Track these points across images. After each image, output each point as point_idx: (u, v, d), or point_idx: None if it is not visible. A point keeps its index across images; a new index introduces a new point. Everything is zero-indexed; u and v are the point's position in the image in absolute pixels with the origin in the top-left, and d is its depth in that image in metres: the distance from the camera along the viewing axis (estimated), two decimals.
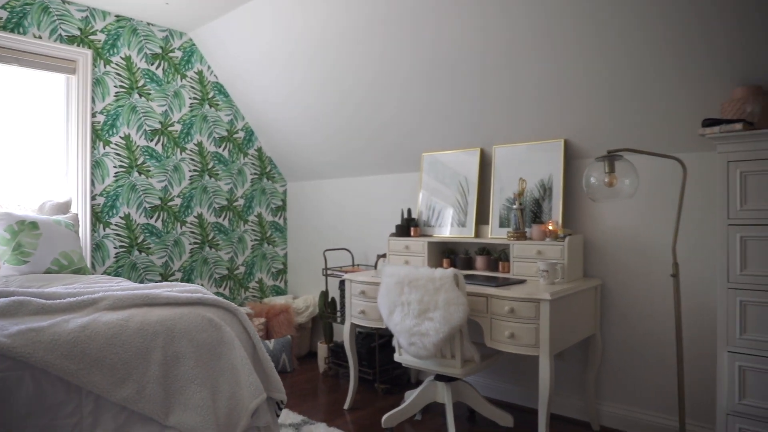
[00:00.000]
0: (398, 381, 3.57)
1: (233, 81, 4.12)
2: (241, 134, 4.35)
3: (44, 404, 1.57)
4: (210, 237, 4.13)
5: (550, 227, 2.78)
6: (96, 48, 3.51)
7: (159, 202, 3.83)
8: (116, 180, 3.61)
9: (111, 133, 3.58)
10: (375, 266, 3.60)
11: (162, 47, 3.84)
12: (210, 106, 4.14)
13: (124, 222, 3.64)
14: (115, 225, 3.60)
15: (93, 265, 3.48)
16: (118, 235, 3.61)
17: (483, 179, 3.26)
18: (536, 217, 2.94)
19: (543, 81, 2.77)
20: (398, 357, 2.73)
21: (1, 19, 3.13)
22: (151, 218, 3.79)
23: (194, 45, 4.04)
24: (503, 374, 3.25)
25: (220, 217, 4.21)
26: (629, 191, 2.17)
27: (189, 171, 4.00)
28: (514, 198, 2.94)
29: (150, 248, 3.78)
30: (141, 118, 3.73)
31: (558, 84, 2.74)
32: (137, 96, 3.71)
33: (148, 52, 3.77)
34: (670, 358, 2.65)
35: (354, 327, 3.12)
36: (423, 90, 3.22)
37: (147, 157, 3.76)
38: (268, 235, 4.55)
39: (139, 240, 3.72)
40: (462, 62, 2.95)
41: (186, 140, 3.98)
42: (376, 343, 3.40)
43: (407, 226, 3.39)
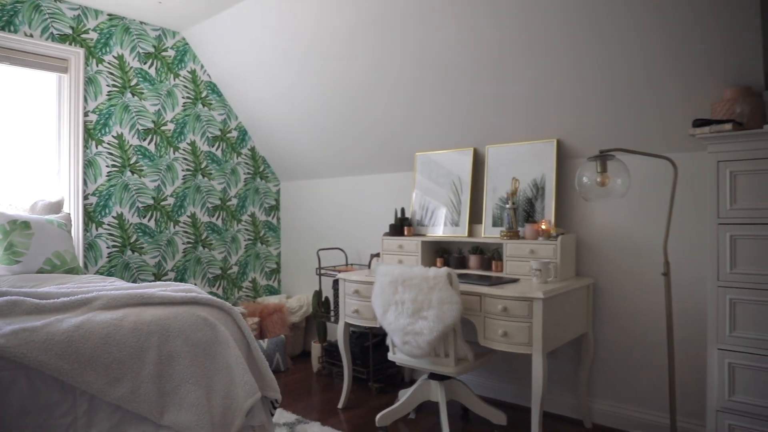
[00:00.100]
0: (392, 380, 3.58)
1: (226, 80, 4.12)
2: (235, 134, 4.35)
3: (38, 404, 1.57)
4: (203, 237, 4.13)
5: (543, 226, 2.80)
6: (88, 47, 3.49)
7: (152, 202, 3.82)
8: (109, 179, 3.59)
9: (103, 133, 3.57)
10: (369, 265, 3.61)
11: (155, 46, 3.83)
12: (203, 106, 4.13)
13: (117, 222, 3.63)
14: (108, 225, 3.59)
15: (85, 265, 3.46)
16: (111, 235, 3.60)
17: (476, 179, 3.27)
18: (529, 217, 2.96)
19: (536, 81, 2.79)
20: (392, 356, 2.74)
21: None
22: (144, 218, 3.78)
23: (187, 44, 4.03)
24: (497, 373, 3.27)
25: (214, 217, 4.20)
26: (621, 191, 2.20)
27: (182, 170, 3.99)
28: (507, 197, 2.95)
29: (143, 248, 3.76)
30: (134, 118, 3.72)
31: (551, 84, 2.76)
32: (130, 95, 3.70)
33: (141, 51, 3.76)
34: (662, 356, 2.68)
35: (348, 326, 3.12)
36: (417, 89, 3.23)
37: (140, 157, 3.75)
38: (262, 235, 4.54)
39: (132, 240, 3.71)
40: (455, 62, 2.97)
41: (179, 140, 3.97)
42: (370, 342, 3.41)
43: (401, 226, 3.40)
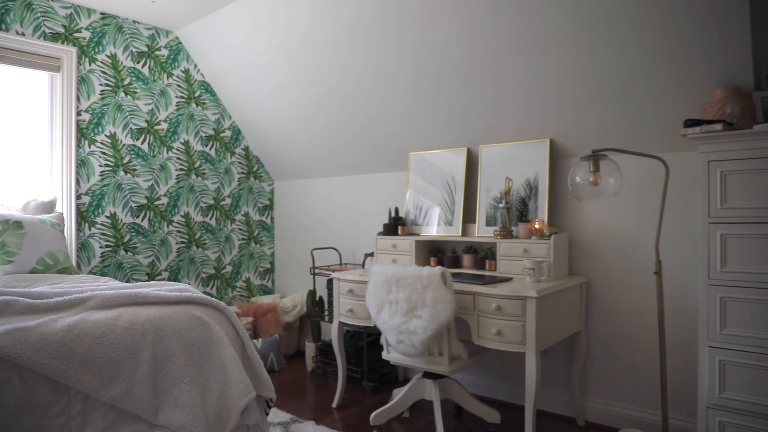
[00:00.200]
0: (386, 379, 3.59)
1: (220, 80, 4.11)
2: (228, 133, 4.34)
3: (32, 404, 1.57)
4: (197, 236, 4.12)
5: (536, 226, 2.82)
6: (81, 46, 3.48)
7: (145, 202, 3.81)
8: (102, 179, 3.58)
9: (96, 132, 3.55)
10: (363, 265, 3.61)
11: (148, 45, 3.82)
12: (197, 105, 4.12)
13: (110, 221, 3.62)
14: (101, 224, 3.57)
15: (78, 265, 3.45)
16: (104, 235, 3.59)
17: (470, 178, 3.29)
18: (522, 216, 2.98)
19: (529, 81, 2.81)
20: (386, 355, 2.75)
21: None
22: (138, 217, 3.76)
23: (181, 43, 4.02)
24: (490, 371, 3.28)
25: (207, 217, 4.19)
26: (613, 190, 2.22)
27: (176, 170, 3.98)
28: (501, 197, 2.97)
29: (136, 248, 3.75)
30: (127, 117, 3.70)
31: (544, 84, 2.78)
32: (123, 94, 3.68)
33: (134, 50, 3.74)
34: (654, 354, 2.71)
35: (342, 325, 3.13)
36: (411, 89, 3.24)
37: (133, 156, 3.74)
38: (256, 235, 4.54)
39: (126, 239, 3.70)
40: (449, 62, 2.98)
41: (173, 139, 3.96)
42: (364, 342, 3.42)
43: (395, 225, 3.41)
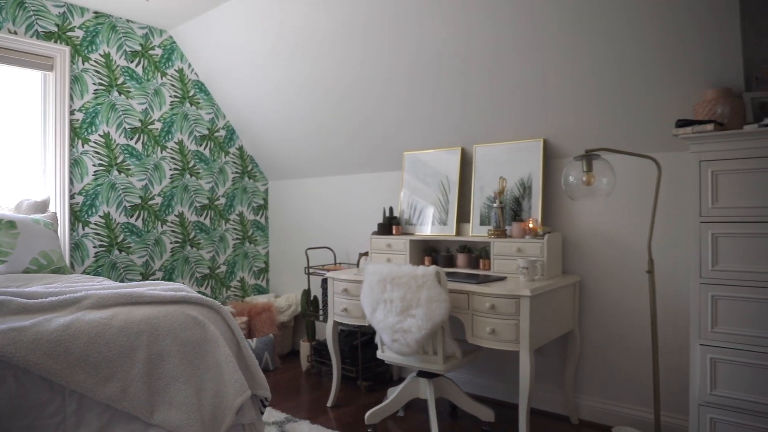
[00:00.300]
0: (381, 378, 3.60)
1: (214, 79, 4.10)
2: (222, 133, 4.33)
3: (27, 404, 1.56)
4: (191, 236, 4.11)
5: (530, 225, 2.83)
6: (74, 44, 3.46)
7: (139, 201, 3.80)
8: (95, 179, 3.57)
9: (90, 131, 3.54)
10: (357, 264, 3.62)
11: (142, 45, 3.81)
12: (191, 105, 4.11)
13: (104, 221, 3.61)
14: (95, 224, 3.56)
15: (72, 265, 3.44)
16: (98, 235, 3.57)
17: (464, 178, 3.30)
18: (516, 216, 2.99)
19: (523, 82, 2.82)
20: (381, 354, 2.76)
21: None
22: (132, 217, 3.75)
23: (174, 43, 4.01)
24: (485, 370, 3.30)
25: (202, 216, 4.18)
26: (606, 190, 2.24)
27: (170, 170, 3.97)
28: (495, 196, 2.98)
29: (130, 247, 3.74)
30: (121, 116, 3.69)
31: (537, 85, 2.79)
32: (117, 94, 3.67)
33: (128, 50, 3.73)
34: (646, 352, 2.73)
35: (336, 325, 3.14)
36: (404, 89, 3.25)
37: (127, 156, 3.73)
38: (250, 234, 4.53)
39: (119, 239, 3.68)
40: (443, 62, 2.99)
41: (166, 139, 3.95)
42: (359, 341, 3.42)
43: (389, 225, 3.42)
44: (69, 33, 3.44)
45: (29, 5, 3.26)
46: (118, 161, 3.68)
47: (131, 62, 3.75)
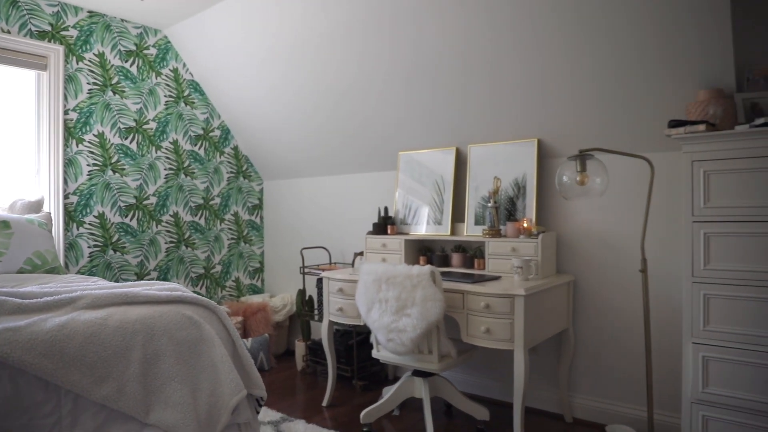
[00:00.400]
0: (376, 377, 3.60)
1: (209, 79, 4.10)
2: (217, 132, 4.33)
3: (22, 404, 1.56)
4: (186, 236, 4.10)
5: (524, 225, 2.85)
6: (68, 44, 3.45)
7: (134, 201, 3.79)
8: (90, 178, 3.56)
9: (84, 131, 3.53)
10: (352, 264, 3.62)
11: (136, 44, 3.80)
12: (185, 104, 4.11)
13: (99, 221, 3.60)
14: (89, 224, 3.55)
15: (66, 265, 3.43)
16: (92, 235, 3.56)
17: (458, 178, 3.31)
18: (511, 215, 3.01)
19: (517, 82, 2.84)
20: (376, 353, 2.77)
21: None
22: (126, 217, 3.74)
23: (169, 42, 4.00)
24: (479, 369, 3.31)
25: (197, 216, 4.18)
26: (600, 189, 2.25)
27: (164, 169, 3.97)
28: (489, 196, 3.00)
29: (125, 247, 3.73)
30: (115, 116, 3.68)
31: (532, 86, 2.81)
32: (111, 93, 3.66)
33: (122, 49, 3.72)
34: (640, 351, 2.75)
35: (332, 324, 3.14)
36: (401, 90, 3.26)
37: (121, 156, 3.72)
38: (245, 234, 4.53)
39: (114, 239, 3.68)
40: (438, 63, 3.00)
41: (161, 138, 3.95)
42: (354, 341, 3.43)
43: (384, 224, 3.43)
44: (63, 32, 3.43)
45: (22, 4, 3.25)
46: (113, 161, 3.67)
47: (126, 62, 3.74)
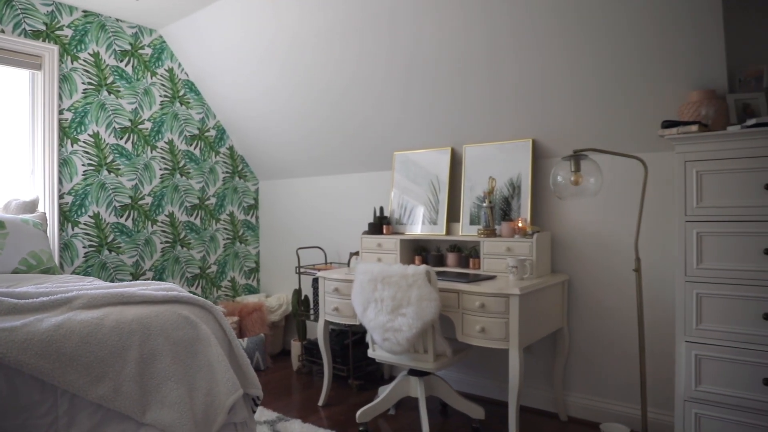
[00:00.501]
0: (372, 377, 3.61)
1: (204, 79, 4.10)
2: (213, 132, 4.33)
3: (18, 404, 1.56)
4: (182, 236, 4.10)
5: (519, 224, 2.87)
6: (63, 43, 3.44)
7: (129, 201, 3.78)
8: (85, 178, 3.55)
9: (79, 131, 3.52)
10: (348, 264, 3.63)
11: (131, 44, 3.79)
12: (181, 104, 4.10)
13: (94, 221, 3.59)
14: (84, 224, 3.54)
15: (61, 265, 3.42)
16: (88, 235, 3.56)
17: (453, 178, 3.33)
18: (505, 215, 3.02)
19: (512, 83, 2.85)
20: (372, 353, 2.78)
21: None
22: (121, 217, 3.74)
23: (164, 42, 4.00)
24: (475, 368, 3.33)
25: (192, 216, 4.18)
26: (594, 189, 2.27)
27: (160, 169, 3.96)
28: (484, 196, 3.01)
29: (120, 247, 3.73)
30: (110, 116, 3.68)
31: (527, 86, 2.82)
32: (106, 93, 3.66)
33: (117, 49, 3.72)
34: (634, 350, 2.77)
35: (327, 324, 3.15)
36: (396, 90, 3.27)
37: (117, 156, 3.71)
38: (241, 234, 4.53)
39: (109, 239, 3.67)
40: (433, 64, 3.01)
41: (156, 138, 3.94)
42: (350, 340, 3.44)
43: (380, 224, 3.44)
44: (57, 32, 3.42)
45: (17, 3, 3.24)
46: (108, 161, 3.67)
47: (121, 61, 3.73)
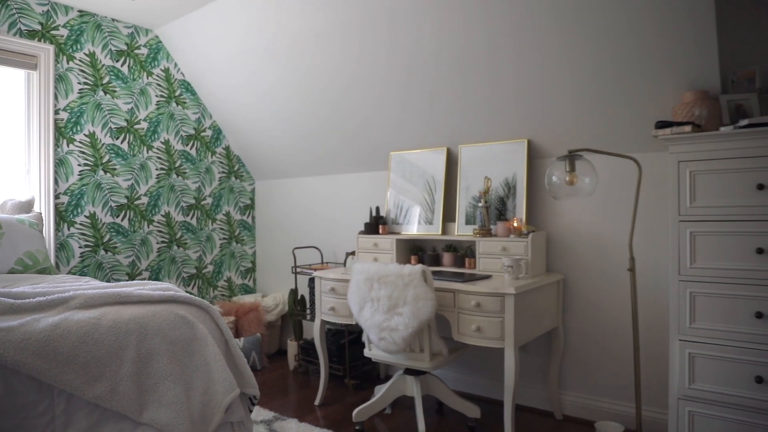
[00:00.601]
0: (368, 376, 3.62)
1: (200, 79, 4.10)
2: (209, 132, 4.33)
3: (15, 404, 1.56)
4: (178, 236, 4.10)
5: (515, 224, 2.88)
6: (58, 43, 3.44)
7: (125, 201, 3.78)
8: (81, 178, 3.55)
9: (75, 131, 3.52)
10: (344, 263, 3.64)
11: (127, 44, 3.79)
12: (177, 104, 4.10)
13: (90, 221, 3.59)
14: (80, 224, 3.54)
15: (57, 265, 3.41)
16: (84, 235, 3.55)
17: (449, 178, 3.34)
18: (501, 215, 3.04)
19: (507, 84, 2.87)
20: (368, 352, 2.79)
21: None
22: (118, 217, 3.74)
23: (160, 42, 3.99)
24: (470, 367, 3.34)
25: (188, 216, 4.18)
26: (589, 189, 2.28)
27: (156, 169, 3.96)
28: (480, 196, 3.03)
29: (116, 247, 3.73)
30: (106, 116, 3.67)
31: (521, 86, 2.84)
32: (102, 93, 3.65)
33: (113, 49, 3.71)
34: (628, 348, 2.79)
35: (324, 324, 3.16)
36: (392, 90, 3.28)
37: (113, 155, 3.71)
38: (237, 234, 4.53)
39: (105, 239, 3.67)
40: (429, 64, 3.02)
41: (153, 138, 3.94)
42: (346, 340, 3.45)
43: (376, 224, 3.45)
44: (53, 32, 3.41)
45: (12, 3, 3.23)
46: (104, 161, 3.66)
47: (117, 61, 3.73)
